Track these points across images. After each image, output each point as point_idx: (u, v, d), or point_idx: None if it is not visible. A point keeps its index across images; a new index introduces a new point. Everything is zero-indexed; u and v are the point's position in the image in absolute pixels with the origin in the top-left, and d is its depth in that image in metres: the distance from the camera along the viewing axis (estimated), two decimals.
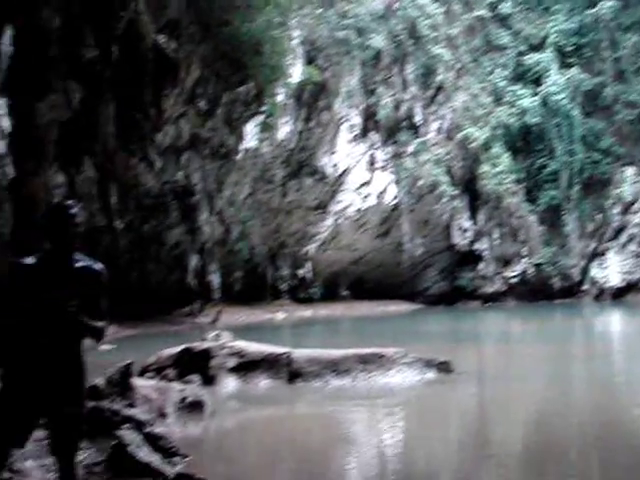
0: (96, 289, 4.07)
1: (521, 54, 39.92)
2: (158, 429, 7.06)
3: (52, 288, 3.91)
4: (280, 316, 31.44)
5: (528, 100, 38.11)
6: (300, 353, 11.93)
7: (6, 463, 4.23)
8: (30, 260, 4.04)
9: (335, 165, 34.46)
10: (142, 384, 9.21)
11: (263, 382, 11.38)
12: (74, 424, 4.05)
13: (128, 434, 6.16)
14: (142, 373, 10.94)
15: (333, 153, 34.34)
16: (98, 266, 4.12)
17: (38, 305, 3.90)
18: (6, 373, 4.08)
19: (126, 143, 18.50)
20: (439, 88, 37.68)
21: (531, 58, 39.27)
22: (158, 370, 11.21)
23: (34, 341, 3.90)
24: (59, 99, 14.49)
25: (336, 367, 11.59)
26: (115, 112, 17.40)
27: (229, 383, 11.24)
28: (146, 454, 5.80)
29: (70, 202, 4.07)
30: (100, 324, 4.05)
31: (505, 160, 37.44)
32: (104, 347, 10.46)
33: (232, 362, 11.48)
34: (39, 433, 4.61)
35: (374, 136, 36.15)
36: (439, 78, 37.47)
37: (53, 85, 14.34)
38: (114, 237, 20.71)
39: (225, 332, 12.85)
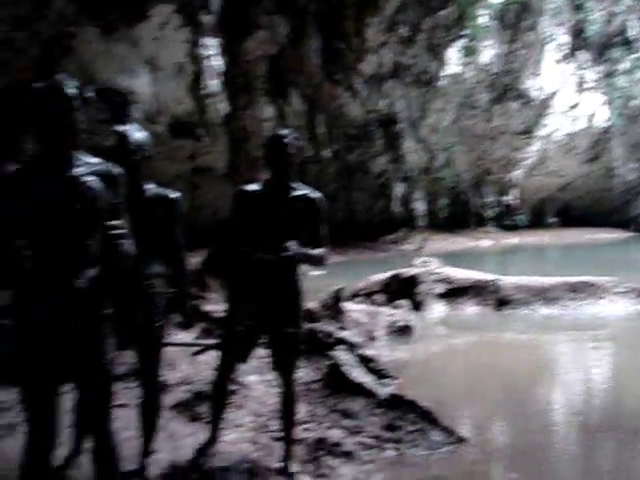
0: (314, 217, 4.26)
1: None
2: (369, 351, 7.32)
3: (273, 216, 4.14)
4: (485, 243, 31.05)
5: None
6: (508, 280, 11.77)
7: (232, 376, 4.62)
8: (254, 188, 4.28)
9: (541, 87, 33.00)
10: (352, 308, 9.51)
11: (470, 308, 11.39)
12: (293, 343, 4.32)
13: (342, 355, 6.43)
14: (352, 298, 11.30)
15: (539, 75, 32.89)
16: (315, 194, 4.29)
17: (261, 232, 4.15)
18: (232, 295, 4.42)
19: (331, 74, 18.78)
20: None
21: None
22: (367, 295, 11.53)
23: (258, 266, 4.17)
24: (266, 35, 14.92)
25: (544, 295, 11.36)
26: (320, 44, 17.67)
27: (436, 309, 11.35)
28: (359, 375, 6.03)
29: (285, 131, 4.25)
30: (319, 251, 4.25)
31: None
32: (315, 273, 10.88)
33: (440, 288, 11.57)
34: (261, 351, 4.97)
35: (583, 55, 34.14)
36: None
37: (260, 22, 14.76)
38: (322, 167, 21.23)
39: (432, 259, 12.94)
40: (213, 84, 17.53)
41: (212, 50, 17.20)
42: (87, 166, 3.04)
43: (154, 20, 14.79)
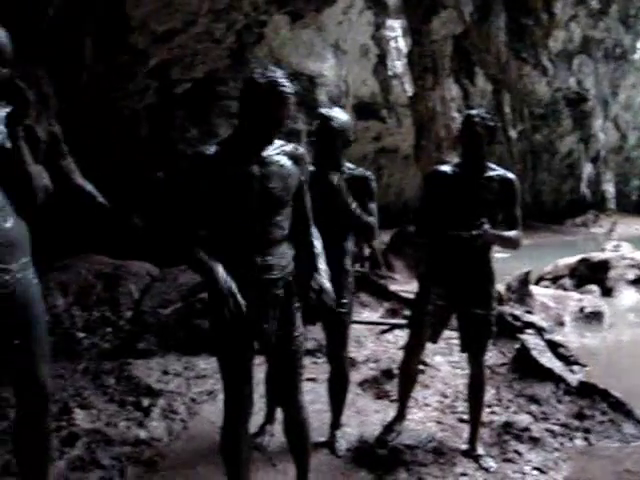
0: (510, 198, 4.20)
1: None
2: (557, 337, 7.15)
3: (467, 196, 4.12)
4: None
5: None
6: None
7: (420, 356, 4.67)
8: (447, 168, 4.29)
9: None
10: (539, 292, 9.30)
11: None
12: (483, 325, 4.29)
13: (531, 339, 6.31)
14: (538, 281, 11.05)
15: None
16: (510, 175, 4.23)
17: (454, 212, 4.15)
18: (423, 275, 4.46)
19: (517, 51, 18.31)
20: None
21: None
22: (554, 279, 11.23)
23: (451, 246, 4.17)
24: (451, 14, 14.77)
25: None
26: (505, 21, 17.28)
27: (628, 295, 10.83)
28: (548, 360, 5.89)
29: (478, 111, 4.20)
30: (513, 233, 4.20)
31: None
32: (500, 255, 10.73)
33: (632, 274, 11.05)
34: (447, 332, 4.98)
35: None
36: None
37: (445, 1, 14.65)
38: (508, 147, 20.81)
39: (624, 243, 12.39)
40: (398, 65, 17.64)
41: (396, 31, 17.31)
42: (277, 147, 3.17)
43: (339, 5, 15.06)
